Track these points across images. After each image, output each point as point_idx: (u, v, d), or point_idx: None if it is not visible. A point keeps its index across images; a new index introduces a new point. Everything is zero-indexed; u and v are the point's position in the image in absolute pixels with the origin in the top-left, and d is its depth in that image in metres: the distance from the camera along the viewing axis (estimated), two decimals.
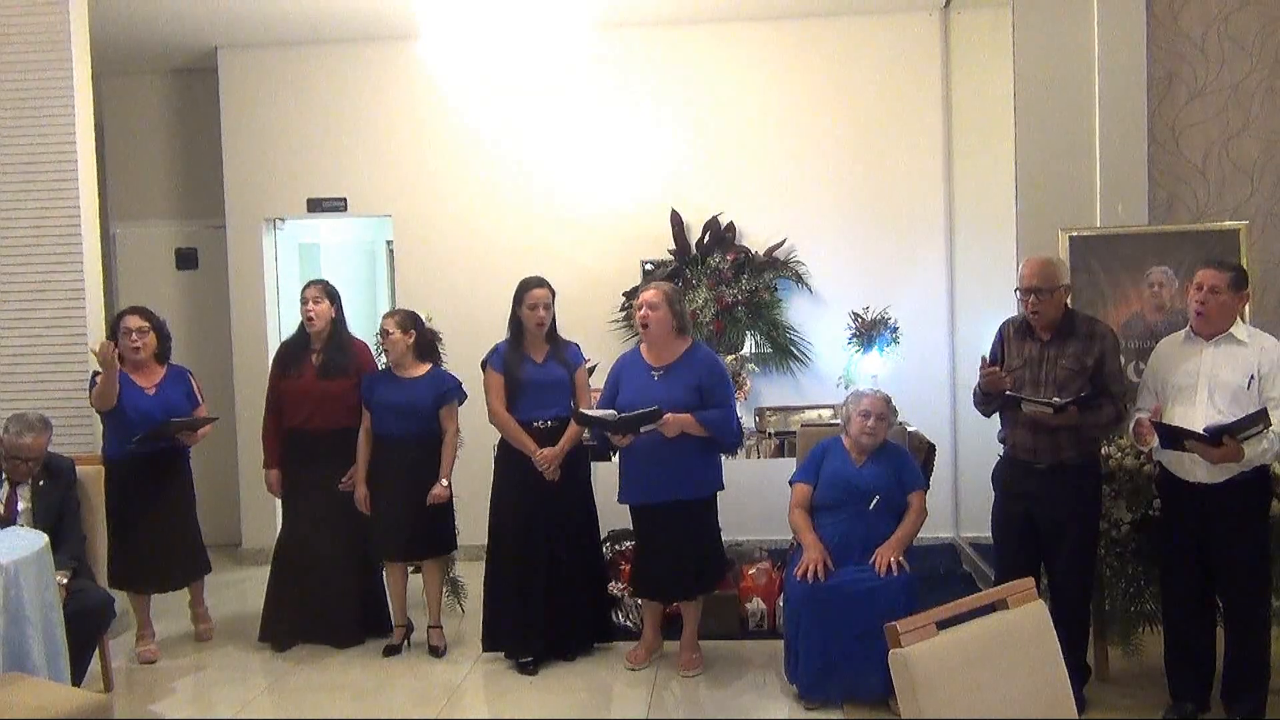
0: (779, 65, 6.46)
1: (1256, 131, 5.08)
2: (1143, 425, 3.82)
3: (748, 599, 5.12)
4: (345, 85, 6.65)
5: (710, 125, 6.50)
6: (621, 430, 4.41)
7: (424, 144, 6.62)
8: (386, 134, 6.64)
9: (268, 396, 5.12)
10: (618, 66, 6.49)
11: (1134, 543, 4.23)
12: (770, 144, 6.47)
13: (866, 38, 6.39)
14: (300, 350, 5.07)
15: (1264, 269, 4.97)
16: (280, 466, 5.06)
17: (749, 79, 6.47)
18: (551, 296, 4.74)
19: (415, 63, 5.57)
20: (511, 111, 6.50)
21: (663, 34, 6.47)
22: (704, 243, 6.39)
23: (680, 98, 6.50)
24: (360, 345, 5.21)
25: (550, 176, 6.56)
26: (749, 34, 6.44)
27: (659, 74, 6.51)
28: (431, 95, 6.37)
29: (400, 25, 5.97)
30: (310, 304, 5.02)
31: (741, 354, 6.20)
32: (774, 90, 6.46)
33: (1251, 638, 3.86)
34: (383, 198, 6.69)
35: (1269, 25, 5.04)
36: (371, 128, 6.64)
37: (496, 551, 4.74)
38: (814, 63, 6.43)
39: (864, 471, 4.40)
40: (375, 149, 6.65)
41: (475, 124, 6.55)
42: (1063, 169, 4.93)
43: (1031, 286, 3.98)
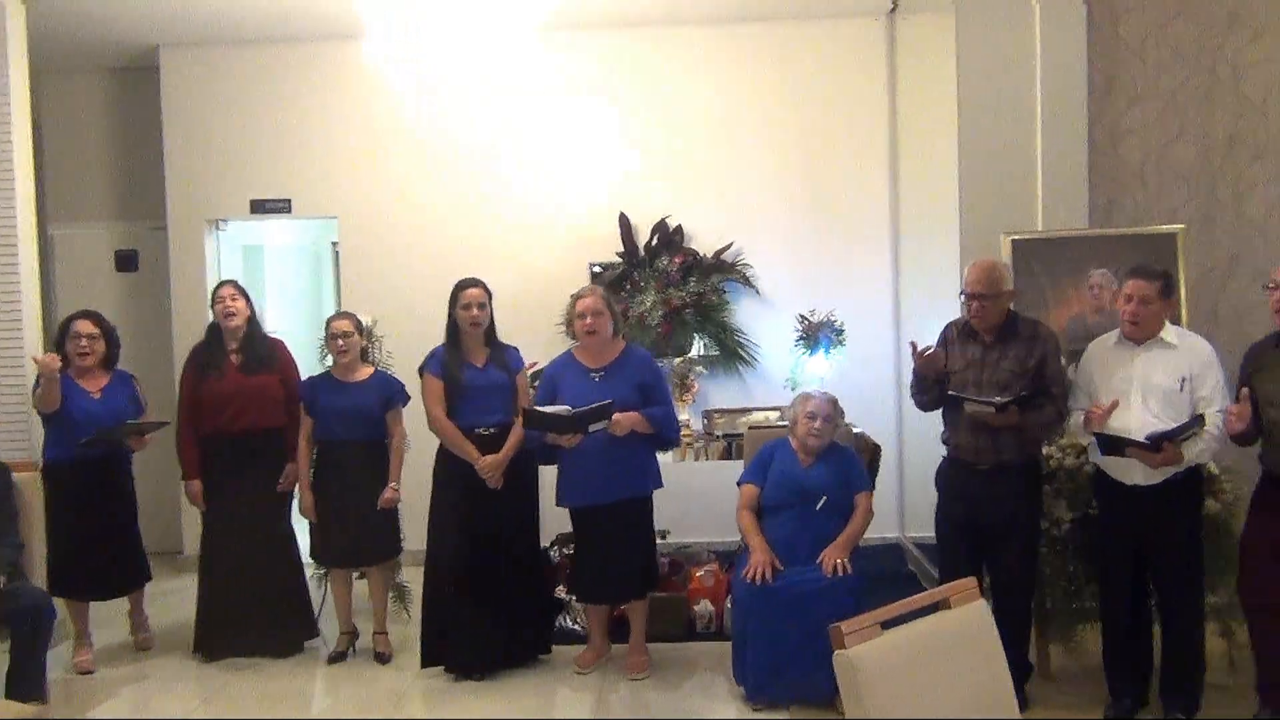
0: (727, 69, 6.48)
1: (1193, 137, 5.18)
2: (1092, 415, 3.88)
3: (695, 601, 5.12)
4: (290, 85, 6.58)
5: (658, 128, 6.51)
6: (574, 428, 4.37)
7: (370, 145, 6.56)
8: (332, 135, 6.57)
9: (183, 404, 4.97)
10: (566, 69, 6.48)
11: (1074, 541, 4.29)
12: (718, 147, 6.49)
13: (813, 43, 6.43)
14: (216, 351, 4.97)
15: (1200, 272, 5.07)
16: (200, 475, 4.94)
17: (697, 82, 6.49)
18: (487, 297, 4.68)
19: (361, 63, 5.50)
20: (459, 113, 6.47)
21: (611, 37, 6.47)
22: (652, 245, 6.40)
23: (629, 100, 6.51)
24: (278, 343, 5.15)
25: (498, 178, 6.54)
26: (697, 37, 6.46)
27: (608, 77, 6.51)
28: (378, 96, 6.32)
29: (345, 25, 5.90)
30: (228, 301, 4.94)
31: (689, 356, 6.23)
32: (722, 94, 6.49)
33: (1187, 634, 3.95)
34: (328, 199, 6.62)
35: (1205, 33, 5.15)
36: (316, 128, 6.57)
37: (436, 564, 4.64)
38: (761, 67, 6.47)
39: (811, 473, 4.42)
40: (320, 150, 6.58)
41: (422, 125, 6.50)
42: (1005, 173, 5.00)
43: (975, 292, 4.02)
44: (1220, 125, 5.18)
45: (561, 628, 5.10)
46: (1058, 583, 4.34)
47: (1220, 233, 5.19)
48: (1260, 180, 5.18)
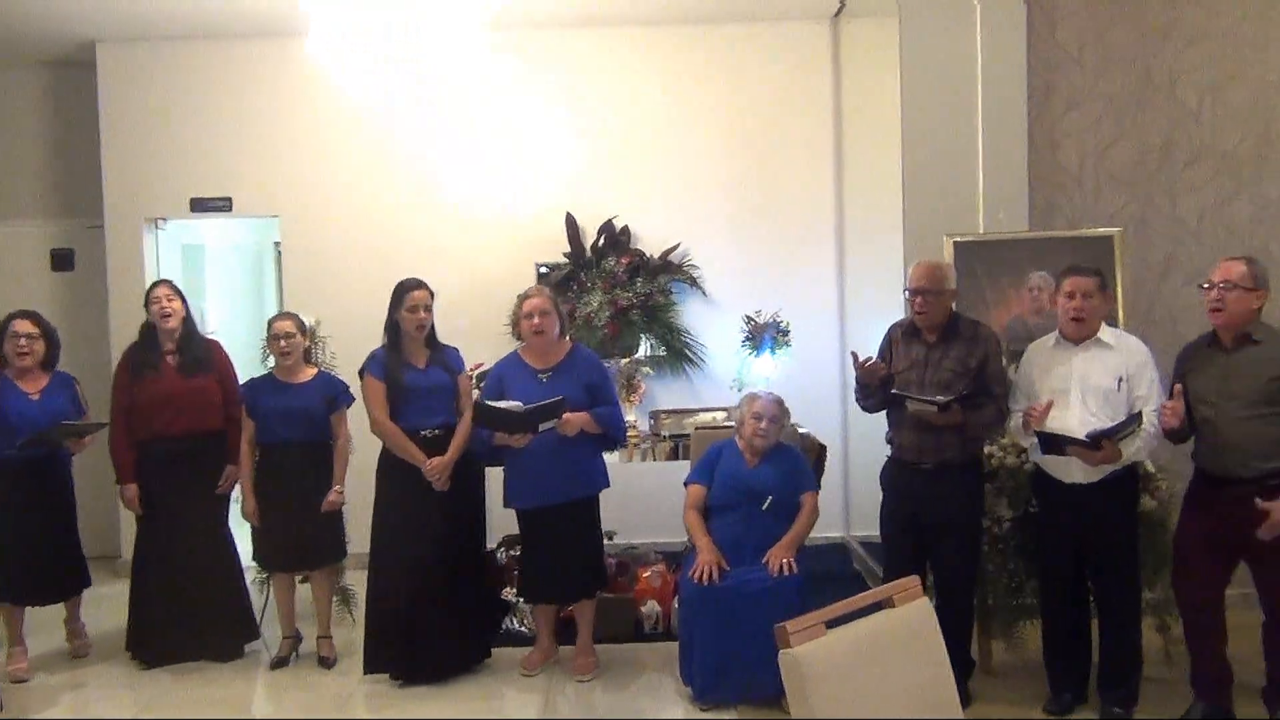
0: (674, 70, 6.50)
1: (1129, 142, 5.28)
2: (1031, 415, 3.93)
3: (643, 602, 5.13)
4: (231, 82, 6.48)
5: (606, 129, 6.51)
6: (525, 426, 4.34)
7: (313, 143, 6.49)
8: (274, 133, 6.49)
9: (116, 406, 4.86)
10: (514, 68, 6.45)
11: (1015, 539, 4.36)
12: (665, 148, 6.51)
13: (759, 44, 6.47)
14: (151, 352, 4.89)
15: (1136, 274, 5.17)
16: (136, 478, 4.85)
17: (644, 83, 6.50)
18: (430, 298, 4.64)
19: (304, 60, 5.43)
20: (404, 112, 6.40)
21: (559, 37, 6.45)
22: (599, 246, 6.39)
23: (576, 101, 6.50)
24: (214, 344, 5.08)
25: (444, 178, 6.49)
26: (644, 38, 6.47)
27: (555, 77, 6.49)
28: (321, 94, 6.23)
29: (288, 22, 5.83)
30: (164, 302, 4.86)
31: (636, 357, 6.23)
32: (669, 95, 6.50)
33: (1125, 629, 4.03)
34: (270, 198, 6.53)
35: (1141, 40, 5.25)
36: (258, 126, 6.49)
37: (380, 569, 4.57)
38: (708, 68, 6.49)
39: (757, 473, 4.44)
40: (262, 148, 6.49)
41: (366, 124, 6.44)
42: (947, 176, 5.06)
43: (920, 287, 4.08)
44: (1156, 130, 5.29)
45: (508, 629, 5.08)
46: (999, 580, 4.40)
47: (1155, 235, 5.30)
48: (1194, 185, 5.30)
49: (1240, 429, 3.69)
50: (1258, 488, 3.65)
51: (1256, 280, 3.71)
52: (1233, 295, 3.70)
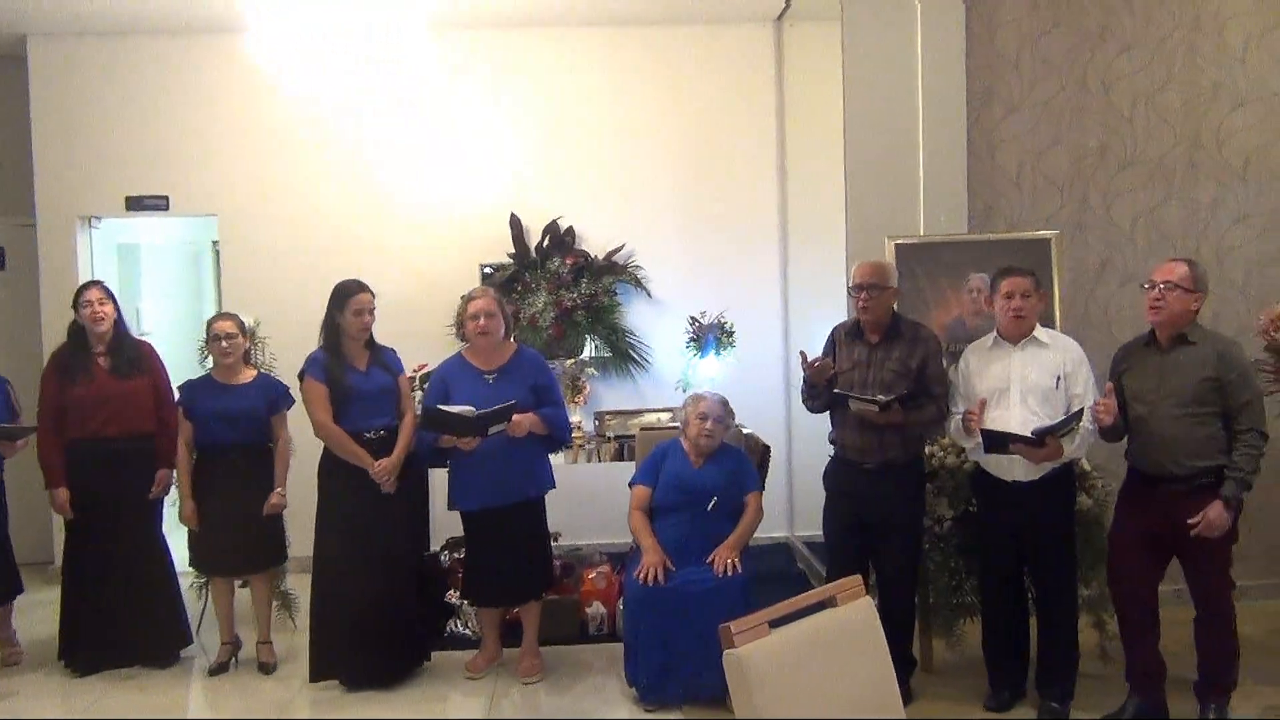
0: (618, 71, 6.50)
1: (1066, 146, 5.38)
2: (970, 418, 3.99)
3: (588, 603, 5.12)
4: (167, 78, 6.36)
5: (550, 129, 6.49)
6: (476, 429, 4.32)
7: (252, 141, 6.39)
8: (212, 130, 6.38)
9: (45, 409, 4.76)
10: (458, 68, 6.41)
11: (955, 538, 4.42)
12: (609, 149, 6.50)
13: (703, 46, 6.49)
14: (81, 354, 4.79)
15: (1072, 277, 5.26)
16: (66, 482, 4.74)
17: (588, 84, 6.49)
18: (374, 300, 4.58)
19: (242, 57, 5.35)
20: (346, 110, 6.33)
21: (503, 36, 6.42)
22: (543, 246, 6.38)
23: (520, 101, 6.47)
24: (146, 345, 5.00)
25: (387, 177, 6.43)
26: (588, 39, 6.46)
27: (500, 76, 6.46)
28: (260, 91, 6.15)
29: (225, 18, 5.74)
30: (96, 305, 4.76)
31: (581, 358, 6.22)
32: (613, 96, 6.50)
33: (1062, 626, 4.10)
34: (208, 196, 6.43)
35: (1076, 46, 5.35)
36: (196, 123, 6.38)
37: (324, 574, 4.51)
38: (652, 69, 6.50)
39: (702, 473, 4.46)
40: (200, 145, 6.38)
41: (306, 122, 6.36)
42: (889, 179, 5.10)
43: (864, 283, 4.14)
44: (1091, 135, 5.39)
45: (452, 633, 5.05)
46: (940, 578, 4.46)
47: (1091, 238, 5.40)
48: (1127, 189, 5.41)
49: (1173, 427, 3.77)
50: (1189, 485, 3.74)
51: (1196, 282, 3.80)
52: (1173, 295, 3.78)
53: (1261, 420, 3.75)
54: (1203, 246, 5.35)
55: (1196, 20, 5.39)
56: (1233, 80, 5.42)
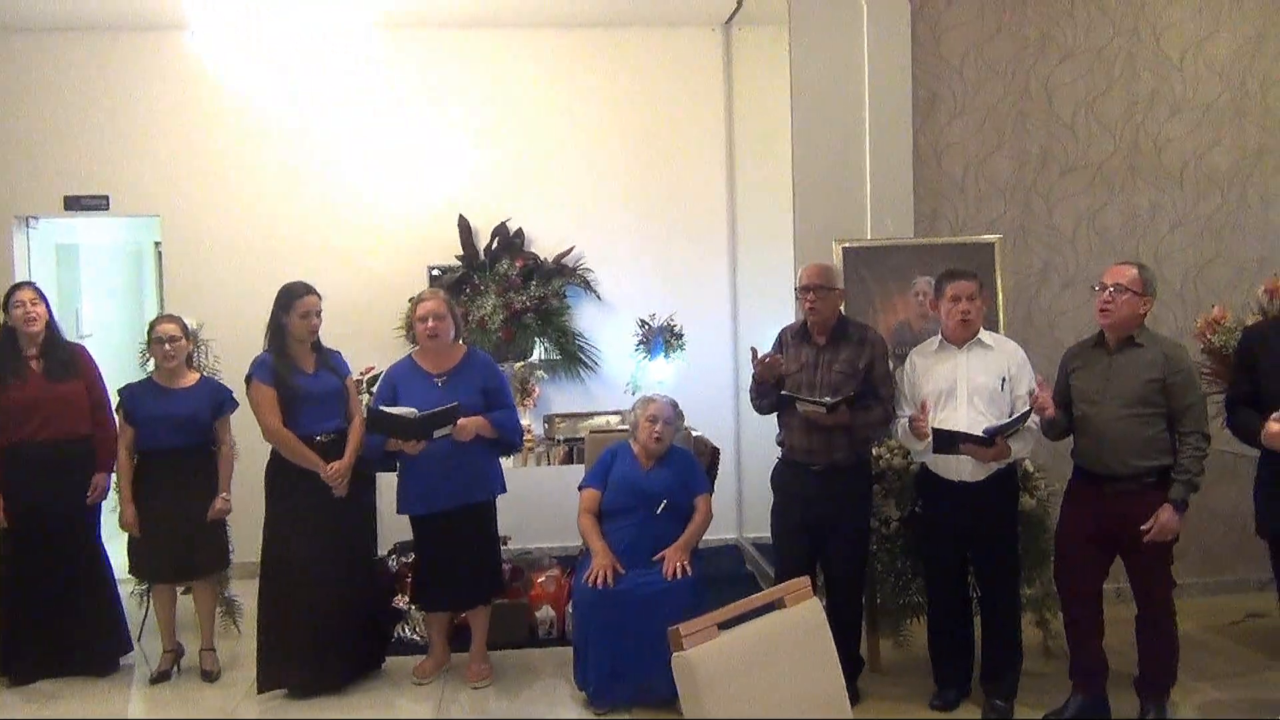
0: (568, 73, 6.48)
1: (1009, 151, 5.46)
2: (918, 421, 4.04)
3: (537, 607, 5.11)
4: (107, 75, 6.24)
5: (500, 131, 6.46)
6: (420, 432, 4.29)
7: (195, 141, 6.29)
8: (154, 129, 6.27)
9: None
10: (406, 68, 6.36)
11: (902, 539, 4.47)
12: (559, 151, 6.49)
13: (653, 49, 6.50)
14: (12, 357, 4.68)
15: (1015, 281, 5.34)
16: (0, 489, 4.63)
17: (539, 85, 6.47)
18: (321, 303, 4.53)
19: (184, 54, 5.29)
20: (292, 110, 6.26)
21: (451, 37, 6.38)
22: (492, 249, 6.35)
23: (469, 102, 6.44)
24: (79, 348, 4.91)
25: (333, 178, 6.36)
26: (539, 40, 6.44)
27: (448, 77, 6.42)
28: (203, 89, 6.05)
29: (167, 14, 5.65)
30: (28, 306, 4.66)
31: (530, 361, 6.20)
32: (563, 98, 6.49)
33: (1007, 625, 4.16)
34: (149, 196, 6.31)
35: (1019, 53, 5.43)
36: (137, 122, 6.26)
37: (274, 579, 4.45)
38: (602, 71, 6.49)
39: (651, 476, 4.46)
40: (141, 144, 6.27)
41: (251, 121, 6.27)
42: (836, 183, 5.14)
43: (810, 284, 4.17)
44: (1033, 141, 5.47)
45: (400, 638, 5.01)
46: (887, 579, 4.50)
47: (1034, 243, 5.48)
48: (1069, 194, 5.50)
49: (1118, 427, 3.84)
50: (1133, 485, 3.81)
51: (1145, 286, 3.87)
52: (1123, 299, 3.85)
53: (1204, 423, 3.83)
54: (1142, 250, 5.45)
55: (1135, 29, 5.50)
56: (1170, 88, 5.53)
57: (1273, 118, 5.60)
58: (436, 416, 4.26)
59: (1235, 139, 5.58)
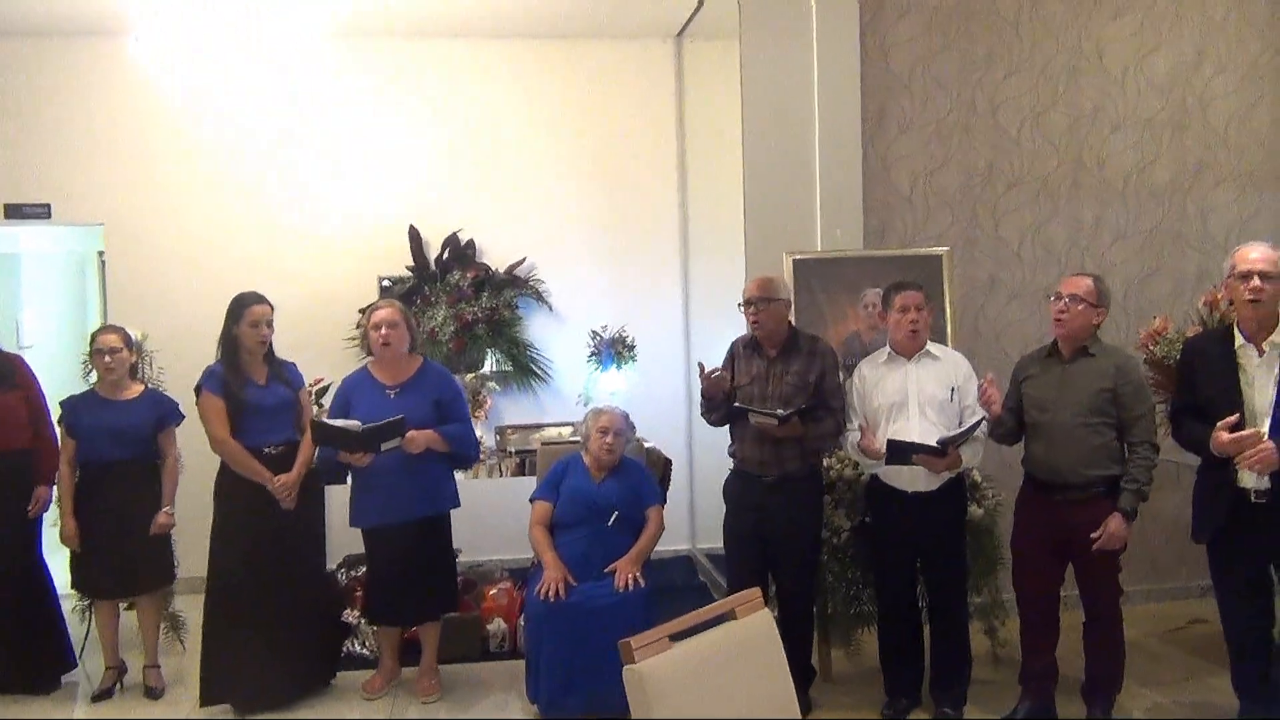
0: (520, 84, 6.47)
1: (956, 165, 5.52)
2: (866, 441, 4.06)
3: (489, 620, 5.07)
4: (48, 81, 6.12)
5: (451, 141, 6.43)
6: (365, 445, 4.24)
7: (141, 148, 6.19)
8: (97, 136, 6.16)
9: None
10: (356, 77, 6.32)
11: (852, 549, 4.49)
12: (511, 162, 6.47)
13: (604, 61, 6.51)
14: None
15: (963, 293, 5.40)
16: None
17: (490, 96, 6.45)
18: (272, 313, 4.49)
19: (128, 60, 5.20)
20: (240, 118, 6.19)
21: (402, 46, 6.35)
22: (443, 259, 6.31)
23: (421, 111, 6.40)
24: (16, 358, 4.81)
25: (281, 187, 6.29)
26: (490, 51, 6.43)
27: (399, 86, 6.38)
28: (148, 96, 5.95)
29: (110, 20, 5.56)
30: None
31: (482, 372, 6.17)
32: (515, 108, 6.48)
33: (956, 632, 4.21)
34: (93, 205, 6.20)
35: (966, 69, 5.50)
36: (80, 129, 6.14)
37: (220, 591, 4.38)
38: (554, 83, 6.49)
39: (603, 488, 4.45)
40: (84, 151, 6.15)
41: (197, 129, 6.18)
42: (787, 195, 5.17)
43: (751, 297, 4.20)
44: (980, 155, 5.54)
45: (349, 652, 4.94)
46: (838, 589, 4.53)
47: (980, 255, 5.55)
48: (1014, 207, 5.58)
49: (1069, 436, 3.90)
50: (1082, 494, 3.87)
51: (1099, 297, 3.94)
52: (1078, 309, 3.91)
53: (1153, 433, 3.91)
54: (1086, 263, 5.54)
55: (1078, 46, 5.60)
56: (1112, 104, 5.64)
57: (1211, 133, 5.72)
58: (382, 429, 4.22)
59: (1175, 154, 5.70)
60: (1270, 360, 3.49)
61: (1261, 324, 3.52)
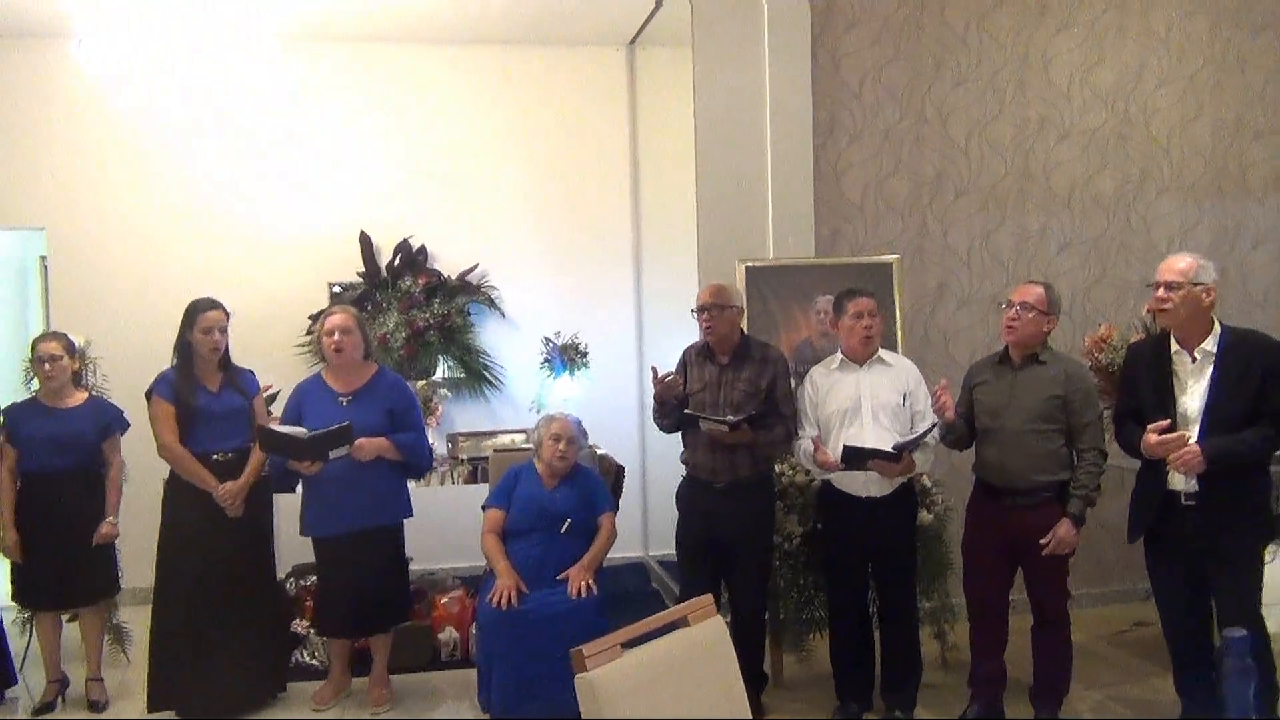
0: (472, 90, 6.46)
1: (905, 174, 5.59)
2: (821, 456, 4.09)
3: (440, 629, 5.04)
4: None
5: (403, 146, 6.40)
6: (311, 453, 4.20)
7: (84, 152, 6.08)
8: (40, 139, 6.04)
9: None
10: (306, 82, 6.26)
11: (803, 554, 4.52)
12: (464, 168, 6.45)
13: (558, 68, 6.51)
14: None
15: (913, 300, 5.46)
16: None
17: (442, 102, 6.43)
18: (226, 319, 4.44)
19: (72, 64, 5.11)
20: (187, 122, 6.11)
21: (353, 51, 6.30)
22: (394, 265, 6.27)
23: (372, 117, 6.36)
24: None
25: (230, 192, 6.21)
26: (443, 57, 6.40)
27: (350, 92, 6.34)
28: (92, 100, 5.86)
29: (53, 22, 5.45)
30: None
31: (434, 379, 6.13)
32: (468, 115, 6.46)
33: (906, 637, 4.24)
34: (34, 208, 6.08)
35: (914, 79, 5.57)
36: (21, 131, 6.03)
37: (167, 598, 4.33)
38: (507, 89, 6.48)
39: (556, 495, 4.44)
40: (26, 155, 6.04)
41: (144, 132, 6.09)
42: (739, 203, 5.20)
43: (705, 304, 4.21)
44: (929, 163, 5.61)
45: (298, 663, 4.88)
46: (790, 594, 4.55)
47: (929, 262, 5.61)
48: (963, 215, 5.65)
49: (1019, 442, 3.96)
50: (1033, 498, 3.93)
51: (1050, 305, 4.00)
52: (1028, 317, 3.97)
53: (1102, 439, 3.97)
54: (1033, 271, 5.62)
55: (1025, 57, 5.68)
56: (1058, 114, 5.73)
57: (1154, 145, 5.84)
58: (329, 436, 4.17)
59: (1119, 164, 5.81)
60: (1202, 366, 3.57)
61: (1194, 331, 3.59)
